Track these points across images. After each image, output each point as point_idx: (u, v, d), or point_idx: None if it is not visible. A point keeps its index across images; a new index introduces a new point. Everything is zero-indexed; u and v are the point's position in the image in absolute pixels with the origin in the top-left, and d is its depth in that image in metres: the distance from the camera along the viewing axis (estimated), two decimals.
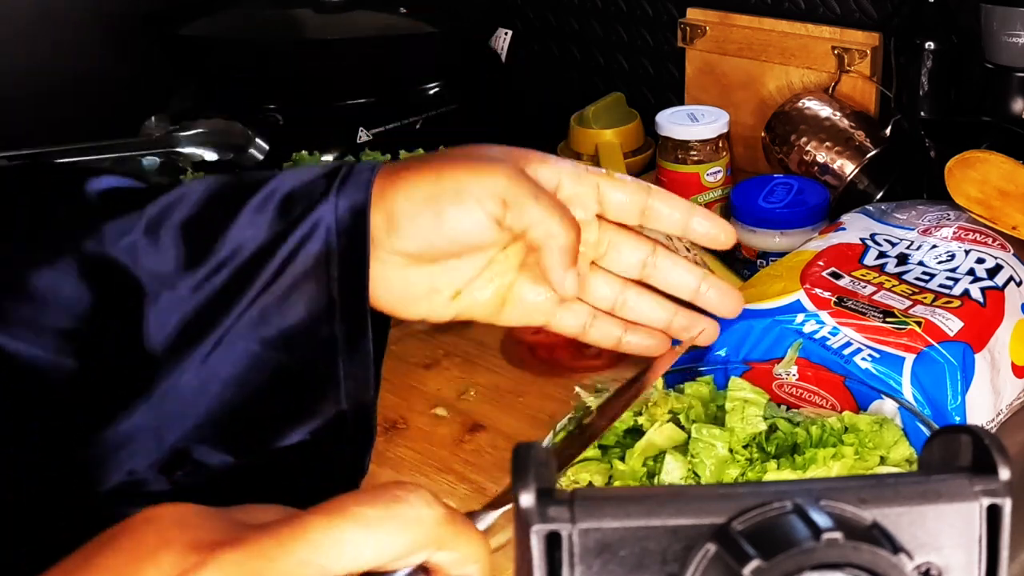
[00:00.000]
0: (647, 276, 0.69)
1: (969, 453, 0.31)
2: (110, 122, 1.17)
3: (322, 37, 1.25)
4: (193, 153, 1.11)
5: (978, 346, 0.75)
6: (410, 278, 0.63)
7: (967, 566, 0.30)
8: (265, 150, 1.14)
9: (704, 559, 0.29)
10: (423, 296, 0.64)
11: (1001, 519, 0.30)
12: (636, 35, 1.35)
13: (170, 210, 0.61)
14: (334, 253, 0.60)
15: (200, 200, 0.62)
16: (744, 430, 0.68)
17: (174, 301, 0.59)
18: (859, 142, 1.07)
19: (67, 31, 1.32)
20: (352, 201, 0.61)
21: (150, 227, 0.60)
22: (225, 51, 1.22)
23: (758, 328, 0.78)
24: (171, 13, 1.27)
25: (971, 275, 0.81)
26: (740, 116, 1.20)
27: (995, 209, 0.86)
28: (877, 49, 1.13)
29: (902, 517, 0.30)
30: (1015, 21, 0.95)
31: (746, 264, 1.03)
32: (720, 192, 1.09)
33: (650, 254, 0.69)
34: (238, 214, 0.61)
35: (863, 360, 0.74)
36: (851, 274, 0.83)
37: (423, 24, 1.29)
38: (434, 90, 1.25)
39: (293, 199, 0.61)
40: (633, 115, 1.28)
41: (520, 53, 1.40)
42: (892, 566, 0.28)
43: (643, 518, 0.30)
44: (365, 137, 1.18)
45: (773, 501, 0.30)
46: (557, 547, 0.29)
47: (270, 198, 0.61)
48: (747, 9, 1.22)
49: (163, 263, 0.60)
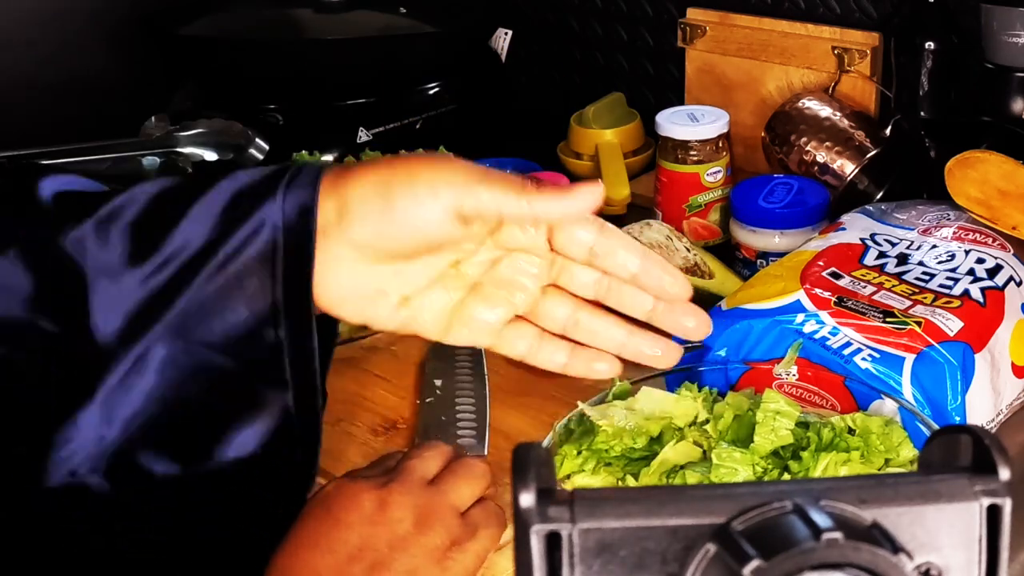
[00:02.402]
0: (602, 296, 0.66)
1: (969, 453, 0.31)
2: (110, 122, 1.17)
3: (322, 37, 1.25)
4: (193, 153, 1.11)
5: (978, 346, 0.75)
6: (359, 276, 0.62)
7: (967, 566, 0.30)
8: (265, 150, 1.14)
9: (704, 559, 0.29)
10: (369, 298, 0.62)
11: (1001, 519, 0.30)
12: (636, 35, 1.35)
13: (121, 209, 0.61)
14: (279, 251, 0.60)
15: (150, 199, 0.62)
16: (770, 443, 0.68)
17: (119, 295, 0.59)
18: (859, 142, 1.07)
19: (67, 31, 1.32)
20: (299, 199, 0.60)
21: (99, 224, 0.60)
22: (225, 51, 1.22)
23: (758, 328, 0.79)
24: (171, 13, 1.27)
25: (971, 275, 0.81)
26: (740, 116, 1.20)
27: (995, 209, 0.86)
28: (877, 49, 1.13)
29: (902, 517, 0.30)
30: (1015, 21, 0.95)
31: (746, 264, 1.03)
32: (720, 192, 1.09)
33: (602, 274, 0.66)
34: (187, 212, 0.60)
35: (863, 360, 0.74)
36: (851, 274, 0.83)
37: (423, 24, 1.29)
38: (434, 90, 1.25)
39: (241, 197, 0.61)
40: (633, 115, 1.28)
41: (520, 53, 1.40)
42: (892, 566, 0.28)
43: (643, 518, 0.30)
44: (365, 137, 1.18)
45: (773, 501, 0.30)
46: (557, 547, 0.29)
47: (218, 197, 0.61)
48: (747, 9, 1.22)
49: (109, 258, 0.60)
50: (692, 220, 1.10)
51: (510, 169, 1.20)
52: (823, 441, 0.68)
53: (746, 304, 0.81)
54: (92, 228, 0.60)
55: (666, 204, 1.11)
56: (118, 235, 0.60)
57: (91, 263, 0.60)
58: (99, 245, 0.60)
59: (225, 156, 1.12)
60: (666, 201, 1.11)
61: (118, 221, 0.61)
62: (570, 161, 1.25)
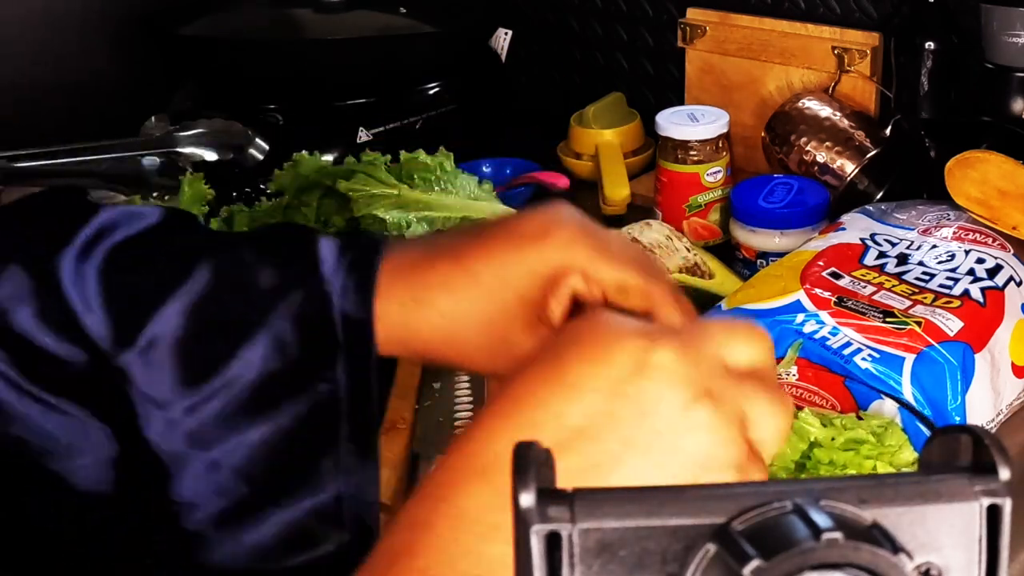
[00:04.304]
0: None
1: (969, 453, 0.31)
2: (110, 122, 1.17)
3: (322, 37, 1.25)
4: (193, 153, 1.11)
5: (978, 346, 0.75)
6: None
7: (967, 566, 0.30)
8: (265, 150, 1.14)
9: (704, 559, 0.29)
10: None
11: (1001, 519, 0.30)
12: (636, 35, 1.35)
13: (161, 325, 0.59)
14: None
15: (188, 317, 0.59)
16: (780, 461, 0.67)
17: (171, 422, 0.58)
18: (859, 142, 1.07)
19: (67, 31, 1.32)
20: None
21: (144, 348, 0.58)
22: (225, 51, 1.22)
23: None
24: (171, 13, 1.27)
25: (971, 275, 0.81)
26: (740, 116, 1.20)
27: (995, 209, 0.86)
28: (877, 49, 1.13)
29: (902, 517, 0.30)
30: (1015, 21, 0.95)
31: (746, 264, 1.03)
32: (720, 192, 1.09)
33: None
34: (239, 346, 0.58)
35: (863, 360, 0.74)
36: (851, 274, 0.83)
37: (423, 24, 1.29)
38: (434, 90, 1.25)
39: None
40: (633, 115, 1.28)
41: (520, 53, 1.40)
42: (892, 566, 0.28)
43: (643, 518, 0.30)
44: (365, 137, 1.18)
45: (773, 501, 0.30)
46: (557, 547, 0.29)
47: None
48: (747, 9, 1.22)
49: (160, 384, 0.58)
50: (692, 220, 1.10)
51: (510, 170, 1.20)
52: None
53: (746, 304, 0.81)
54: (137, 352, 0.58)
55: (666, 204, 1.11)
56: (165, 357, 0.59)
57: (139, 391, 0.58)
58: (147, 369, 0.58)
59: (225, 156, 1.12)
60: (666, 201, 1.11)
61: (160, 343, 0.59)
62: (570, 161, 1.25)
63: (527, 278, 0.55)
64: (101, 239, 0.61)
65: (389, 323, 0.58)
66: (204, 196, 1.02)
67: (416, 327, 0.57)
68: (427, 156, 1.01)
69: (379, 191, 0.97)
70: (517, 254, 0.56)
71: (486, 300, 0.56)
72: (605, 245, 0.56)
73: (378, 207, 0.97)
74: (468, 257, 0.57)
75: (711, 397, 0.42)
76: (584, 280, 0.55)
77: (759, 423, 0.43)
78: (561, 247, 0.55)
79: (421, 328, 0.57)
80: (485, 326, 0.56)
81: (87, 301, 0.58)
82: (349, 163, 1.00)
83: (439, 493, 0.42)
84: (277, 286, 0.58)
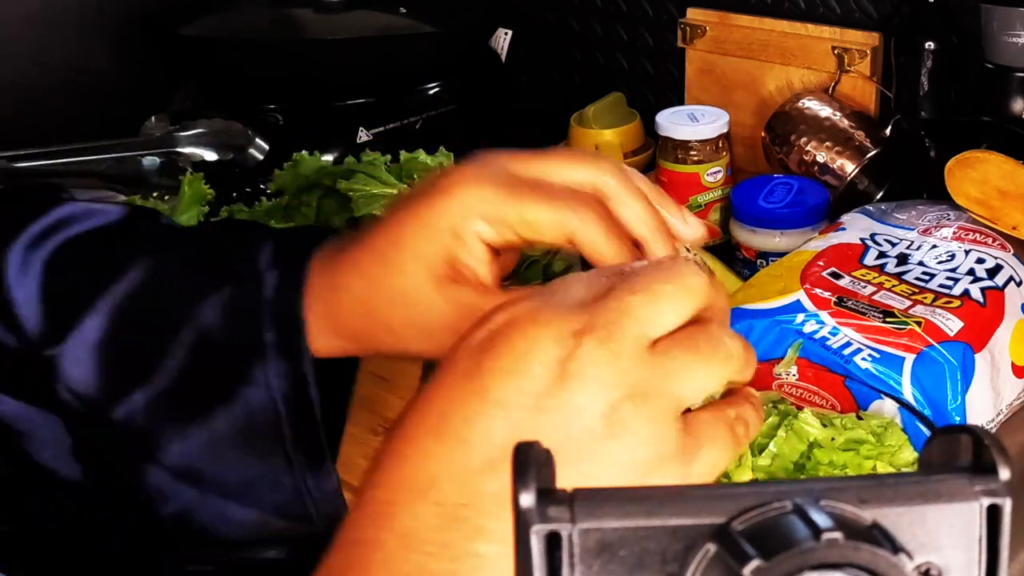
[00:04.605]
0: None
1: (969, 453, 0.31)
2: (110, 122, 1.17)
3: (322, 37, 1.25)
4: (193, 153, 1.11)
5: (978, 346, 0.75)
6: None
7: (967, 566, 0.30)
8: (265, 150, 1.14)
9: (704, 559, 0.29)
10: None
11: (1001, 519, 0.30)
12: (636, 35, 1.35)
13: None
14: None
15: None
16: (779, 461, 0.67)
17: (106, 421, 0.58)
18: (859, 142, 1.07)
19: (67, 31, 1.32)
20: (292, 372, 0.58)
21: (70, 346, 0.58)
22: (225, 51, 1.22)
23: (758, 328, 0.79)
24: (171, 13, 1.27)
25: (971, 275, 0.81)
26: (740, 116, 1.20)
27: (995, 209, 0.86)
28: (877, 49, 1.13)
29: (902, 517, 0.30)
30: (1015, 21, 0.95)
31: (746, 264, 1.03)
32: (720, 192, 1.09)
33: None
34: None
35: (863, 360, 0.74)
36: (851, 274, 0.83)
37: (423, 24, 1.29)
38: (434, 90, 1.25)
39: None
40: (633, 115, 1.28)
41: (520, 53, 1.40)
42: (892, 566, 0.28)
43: (643, 518, 0.30)
44: (365, 137, 1.18)
45: (773, 501, 0.30)
46: (557, 547, 0.29)
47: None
48: (747, 9, 1.22)
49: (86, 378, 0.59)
50: None
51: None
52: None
53: (746, 304, 0.81)
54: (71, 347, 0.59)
55: None
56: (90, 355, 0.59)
57: (65, 385, 0.59)
58: (76, 367, 0.58)
59: (225, 156, 1.12)
60: None
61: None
62: None
63: (428, 241, 0.53)
64: (57, 231, 0.61)
65: (316, 314, 0.57)
66: (204, 196, 1.02)
67: (337, 315, 0.57)
68: (427, 156, 1.01)
69: (379, 191, 0.97)
70: (414, 220, 0.54)
71: (395, 274, 0.54)
72: (507, 182, 0.52)
73: (378, 207, 0.97)
74: (374, 236, 0.55)
75: (633, 398, 0.41)
76: (489, 224, 0.52)
77: (690, 391, 0.42)
78: (456, 196, 0.52)
79: (342, 315, 0.57)
80: (400, 302, 0.54)
81: (28, 293, 0.59)
82: (349, 163, 1.00)
83: (384, 511, 0.42)
84: (209, 282, 0.58)
